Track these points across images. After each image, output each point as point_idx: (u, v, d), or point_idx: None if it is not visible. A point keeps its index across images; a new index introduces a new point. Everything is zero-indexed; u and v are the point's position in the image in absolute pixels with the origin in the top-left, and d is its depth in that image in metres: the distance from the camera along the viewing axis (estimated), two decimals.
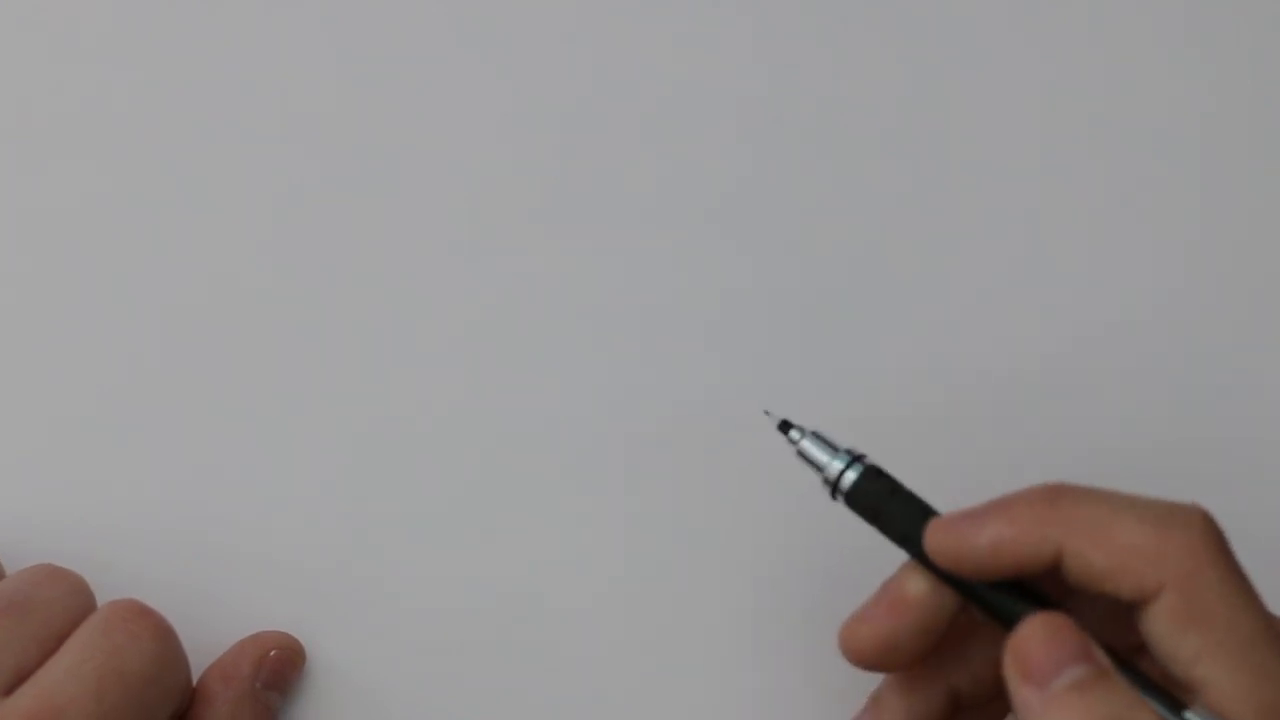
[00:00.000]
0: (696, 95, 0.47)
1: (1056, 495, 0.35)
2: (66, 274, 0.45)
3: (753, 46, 0.47)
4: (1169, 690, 0.35)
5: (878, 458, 0.38)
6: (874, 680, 0.39)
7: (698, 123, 0.46)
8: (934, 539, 0.36)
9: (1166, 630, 0.34)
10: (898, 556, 0.37)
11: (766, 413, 0.40)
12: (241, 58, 0.46)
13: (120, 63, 0.46)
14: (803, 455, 0.38)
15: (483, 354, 0.45)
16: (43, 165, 0.45)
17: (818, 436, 0.38)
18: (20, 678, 0.37)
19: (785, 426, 0.38)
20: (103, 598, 0.41)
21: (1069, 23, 0.47)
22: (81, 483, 0.44)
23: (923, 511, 0.37)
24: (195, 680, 0.42)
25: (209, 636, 0.42)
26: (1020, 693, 0.34)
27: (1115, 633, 0.36)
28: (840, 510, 0.38)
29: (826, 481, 0.38)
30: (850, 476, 0.37)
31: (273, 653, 0.42)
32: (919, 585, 0.37)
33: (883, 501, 0.37)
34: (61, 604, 0.39)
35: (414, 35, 0.46)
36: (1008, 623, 0.36)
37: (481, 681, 0.44)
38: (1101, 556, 0.34)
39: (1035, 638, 0.34)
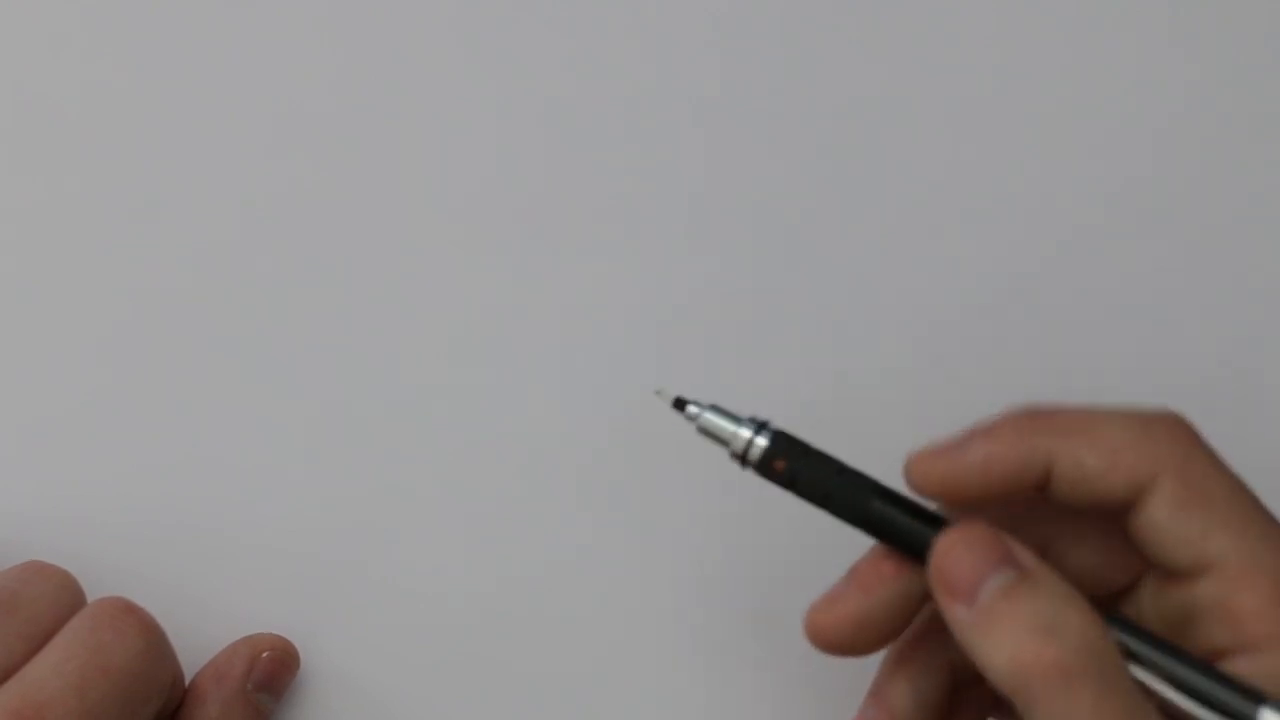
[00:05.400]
0: (661, 97, 0.46)
1: (1034, 410, 0.35)
2: (57, 269, 0.45)
3: (738, 46, 0.47)
4: None
5: (865, 460, 0.37)
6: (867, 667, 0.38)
7: (666, 124, 0.46)
8: (919, 466, 0.35)
9: (1169, 515, 0.34)
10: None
11: (658, 393, 0.38)
12: (230, 55, 0.46)
13: (112, 59, 0.46)
14: (705, 431, 0.36)
15: (479, 355, 0.45)
16: (35, 162, 0.45)
17: (717, 409, 0.36)
18: (6, 675, 0.37)
19: (680, 404, 0.37)
20: (93, 596, 0.40)
21: (1046, 23, 0.47)
22: (72, 480, 0.44)
23: (838, 470, 0.36)
24: (189, 680, 0.42)
25: (205, 637, 0.42)
26: (951, 611, 0.34)
27: (1105, 561, 0.36)
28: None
29: (734, 454, 0.36)
30: (759, 445, 0.36)
31: (266, 655, 0.42)
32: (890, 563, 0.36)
33: (796, 465, 0.36)
34: (49, 601, 0.39)
35: (395, 38, 0.46)
36: None
37: (476, 685, 0.44)
38: (1094, 455, 0.34)
39: (953, 552, 0.34)
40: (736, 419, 0.36)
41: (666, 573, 0.44)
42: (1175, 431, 0.35)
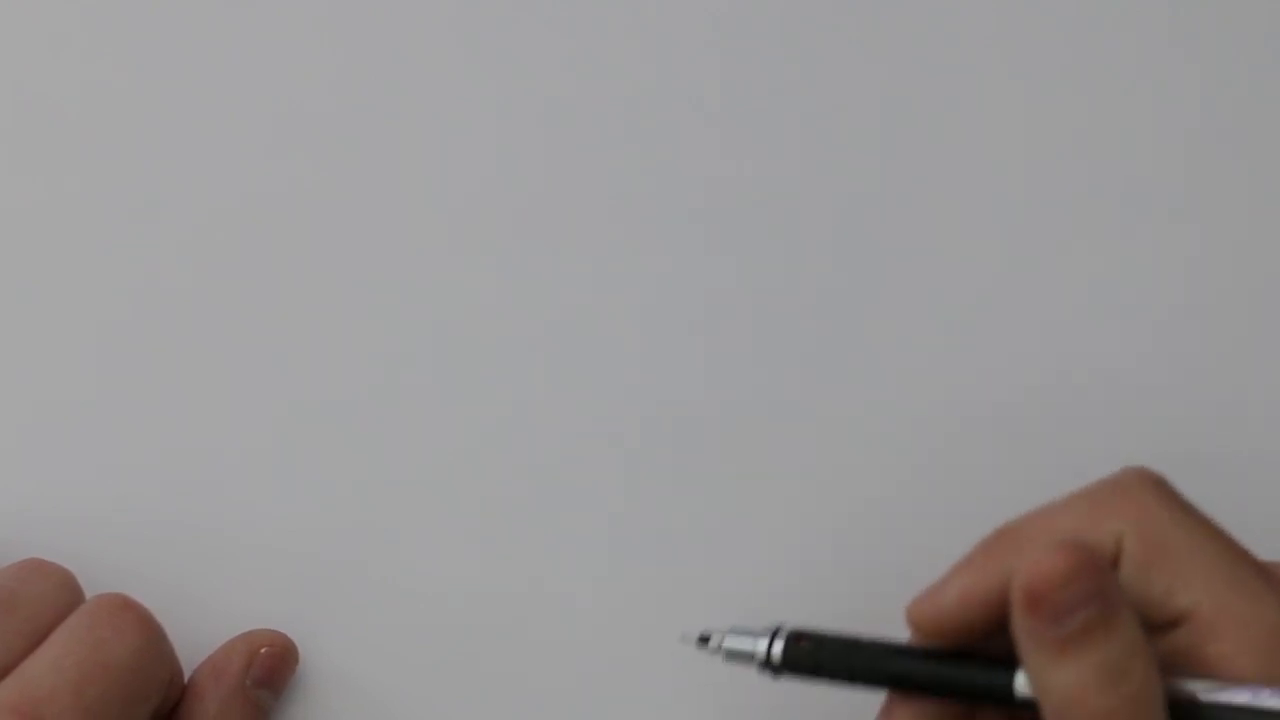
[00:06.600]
0: (677, 95, 0.46)
1: (1000, 532, 0.36)
2: (57, 269, 0.45)
3: (738, 46, 0.47)
4: None
5: (867, 459, 0.37)
6: None
7: (678, 123, 0.46)
8: (911, 616, 0.36)
9: (1135, 577, 0.34)
10: (885, 542, 0.37)
11: (684, 636, 0.40)
12: (230, 56, 0.46)
13: (112, 59, 0.46)
14: (730, 654, 0.38)
15: (480, 355, 0.45)
16: (35, 162, 0.45)
17: (735, 631, 0.38)
18: (5, 672, 0.37)
19: (704, 640, 0.39)
20: (92, 594, 0.40)
21: (1046, 23, 0.47)
22: (71, 477, 0.44)
23: (854, 647, 0.37)
24: (187, 677, 0.41)
25: (203, 634, 0.42)
26: (1030, 622, 0.33)
27: None
28: (834, 512, 0.37)
29: (761, 665, 0.38)
30: (777, 650, 0.38)
31: (264, 650, 0.42)
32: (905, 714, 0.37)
33: (817, 655, 0.37)
34: (48, 599, 0.39)
35: (395, 38, 0.46)
36: (983, 696, 0.36)
37: (476, 685, 0.43)
38: None
39: (1057, 573, 0.33)
40: (752, 634, 0.38)
41: (667, 573, 0.44)
42: (1129, 492, 0.35)
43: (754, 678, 0.43)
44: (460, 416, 0.45)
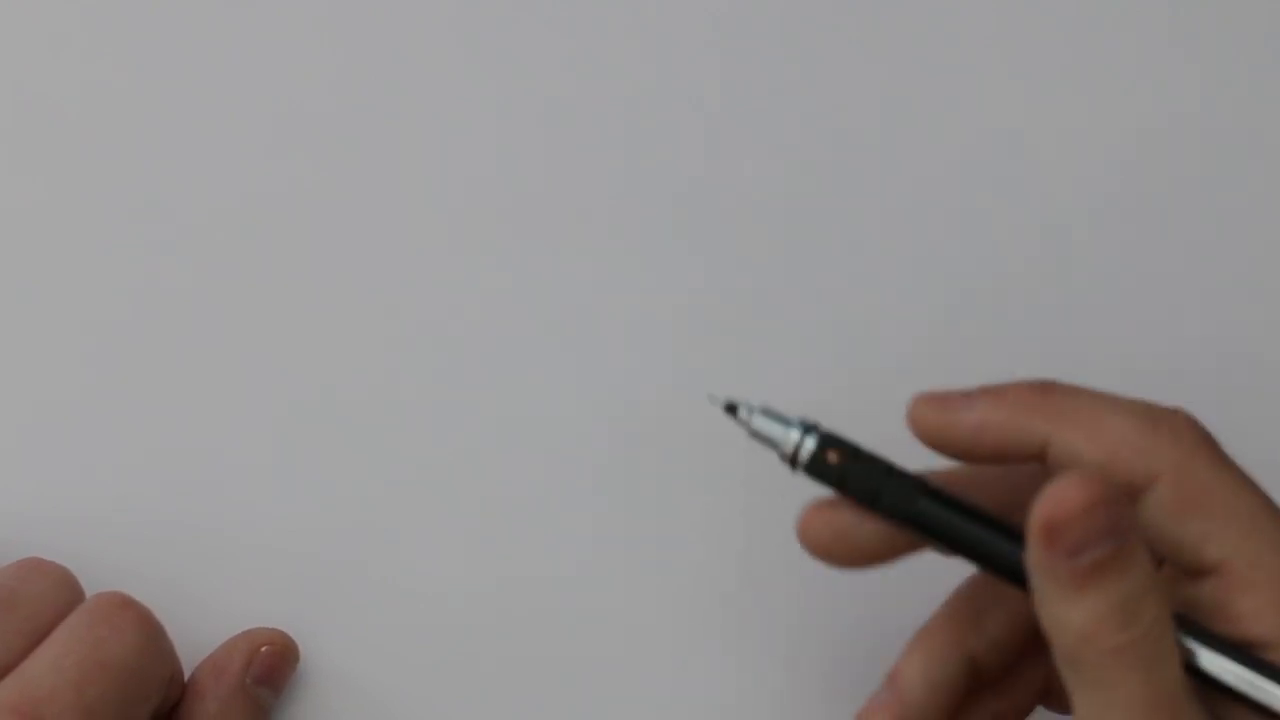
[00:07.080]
0: (677, 95, 0.46)
1: (1047, 387, 0.35)
2: (56, 269, 0.45)
3: (738, 46, 0.47)
4: None
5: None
6: (877, 667, 0.38)
7: (678, 123, 0.46)
8: (919, 410, 0.36)
9: (1168, 520, 0.34)
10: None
11: (710, 398, 0.39)
12: (231, 55, 0.46)
13: (112, 59, 0.46)
14: (756, 434, 0.37)
15: (480, 355, 0.45)
16: (35, 162, 0.45)
17: (767, 412, 0.36)
18: (5, 671, 0.37)
19: (732, 408, 0.37)
20: (92, 592, 0.40)
21: (1046, 23, 0.47)
22: (71, 477, 0.44)
23: (886, 470, 0.36)
24: (188, 675, 0.41)
25: (204, 632, 0.42)
26: (1046, 556, 0.33)
27: None
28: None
29: (784, 456, 0.36)
30: (808, 446, 0.36)
31: (265, 649, 0.42)
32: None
33: (844, 465, 0.36)
34: (48, 598, 0.39)
35: (395, 38, 0.46)
36: (968, 555, 0.35)
37: (476, 685, 0.43)
38: (1092, 448, 0.34)
39: (1073, 507, 0.32)
40: (786, 421, 0.36)
41: (667, 572, 0.44)
42: (1179, 431, 0.35)
43: (756, 677, 0.43)
44: (460, 416, 0.45)
